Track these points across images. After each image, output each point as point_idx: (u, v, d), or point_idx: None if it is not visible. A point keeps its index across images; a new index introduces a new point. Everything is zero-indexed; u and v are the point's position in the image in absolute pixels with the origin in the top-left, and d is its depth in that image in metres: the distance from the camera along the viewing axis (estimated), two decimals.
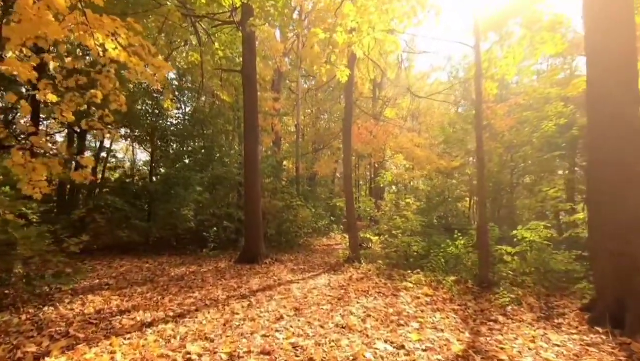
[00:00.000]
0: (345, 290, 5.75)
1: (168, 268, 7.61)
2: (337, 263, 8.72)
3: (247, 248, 8.44)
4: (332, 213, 19.46)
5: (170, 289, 5.68)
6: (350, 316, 4.37)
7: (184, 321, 4.07)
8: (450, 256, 7.05)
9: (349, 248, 8.87)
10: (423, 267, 7.31)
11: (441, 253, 7.05)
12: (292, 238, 11.46)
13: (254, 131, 8.48)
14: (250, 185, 8.45)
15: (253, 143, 8.41)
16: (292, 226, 11.59)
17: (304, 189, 15.86)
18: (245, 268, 7.74)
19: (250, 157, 8.36)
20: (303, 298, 5.24)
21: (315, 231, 14.91)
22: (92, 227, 9.64)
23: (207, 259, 8.75)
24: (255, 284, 6.20)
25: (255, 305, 4.88)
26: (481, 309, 4.80)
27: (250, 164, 8.42)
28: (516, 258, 6.27)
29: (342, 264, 8.38)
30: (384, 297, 5.36)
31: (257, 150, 8.42)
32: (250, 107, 8.55)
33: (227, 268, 7.70)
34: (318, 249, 12.61)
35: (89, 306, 4.58)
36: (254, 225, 8.46)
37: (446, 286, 5.83)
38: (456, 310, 4.77)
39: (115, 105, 5.78)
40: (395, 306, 4.89)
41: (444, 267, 6.81)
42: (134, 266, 7.87)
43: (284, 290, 5.77)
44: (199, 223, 10.86)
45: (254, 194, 8.47)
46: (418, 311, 4.69)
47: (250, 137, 8.46)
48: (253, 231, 8.46)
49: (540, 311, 4.70)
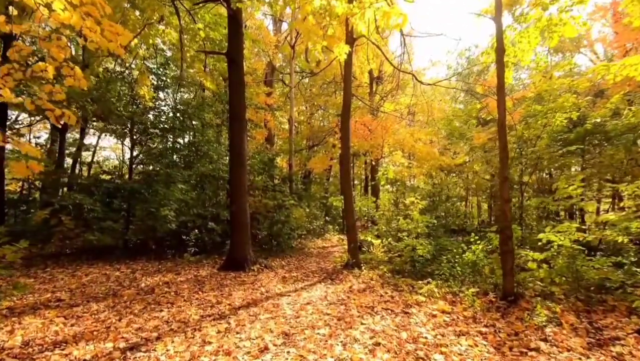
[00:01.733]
0: (346, 306, 4.81)
1: (140, 277, 6.59)
2: (334, 269, 7.78)
3: (233, 253, 7.46)
4: (328, 212, 18.54)
5: (133, 306, 4.68)
6: (354, 345, 3.43)
7: (135, 357, 3.08)
8: (465, 263, 6.15)
9: (347, 252, 7.93)
10: (432, 275, 6.40)
11: (456, 259, 6.15)
12: (285, 240, 10.49)
13: (240, 120, 7.49)
14: (236, 180, 7.45)
15: (239, 133, 7.42)
16: (284, 227, 10.61)
17: (298, 188, 14.90)
18: (229, 276, 6.75)
19: (236, 148, 7.37)
20: (295, 318, 4.28)
21: (309, 232, 13.96)
22: (58, 230, 8.56)
23: (187, 266, 7.74)
24: (239, 298, 5.22)
25: (235, 328, 3.90)
26: (514, 331, 3.89)
27: (236, 157, 7.42)
28: (544, 266, 5.38)
29: (340, 271, 7.44)
30: (394, 315, 4.42)
31: (243, 141, 7.44)
32: (236, 94, 7.56)
33: (209, 276, 6.70)
34: (313, 252, 11.66)
35: (17, 333, 3.56)
36: (240, 227, 7.47)
37: (466, 300, 4.92)
38: (484, 333, 3.86)
39: (71, 81, 4.77)
40: (408, 328, 3.96)
41: (459, 276, 5.90)
42: (102, 274, 6.83)
43: (272, 306, 4.80)
44: (181, 224, 9.82)
45: (239, 190, 7.47)
46: (438, 335, 3.76)
47: (235, 126, 7.46)
48: (239, 234, 7.47)
49: (587, 335, 3.81)
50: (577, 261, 5.19)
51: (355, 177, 29.96)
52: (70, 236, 8.79)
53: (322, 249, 12.91)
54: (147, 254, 9.16)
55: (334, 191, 20.89)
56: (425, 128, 16.46)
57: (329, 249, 12.87)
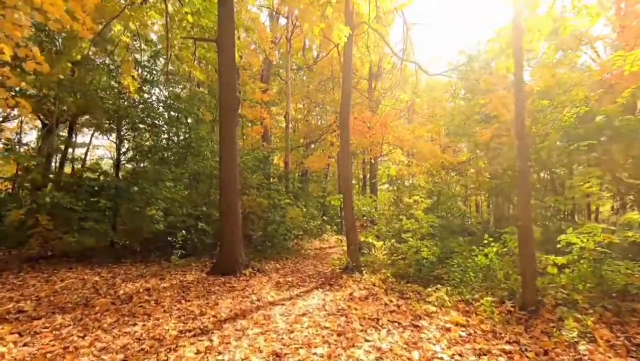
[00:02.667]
0: (346, 318, 4.24)
1: (120, 283, 5.99)
2: (333, 273, 7.22)
3: (223, 256, 6.88)
4: (325, 212, 17.99)
5: (104, 319, 4.09)
6: None
7: None
8: (477, 267, 5.61)
9: (346, 255, 7.37)
10: (440, 280, 5.85)
11: (467, 263, 5.61)
12: (280, 241, 9.91)
13: (231, 111, 6.90)
14: (226, 176, 6.86)
15: (230, 125, 6.83)
16: (280, 228, 10.03)
17: (295, 187, 14.33)
18: (218, 281, 6.17)
19: (227, 141, 6.78)
20: (288, 333, 3.72)
21: (306, 232, 13.40)
22: (37, 231, 7.94)
23: (174, 270, 7.14)
24: (226, 308, 4.65)
25: (218, 347, 3.33)
26: (543, 350, 3.35)
27: (226, 150, 6.84)
28: (566, 271, 4.85)
29: (340, 275, 6.88)
30: (402, 330, 3.86)
31: (234, 133, 6.86)
32: (227, 83, 6.97)
33: (196, 282, 6.12)
34: (310, 254, 11.10)
35: None
36: (231, 227, 6.89)
37: (482, 310, 4.37)
38: (509, 352, 3.31)
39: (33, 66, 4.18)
40: (420, 346, 3.40)
41: (471, 282, 5.36)
42: (79, 280, 6.23)
43: (262, 318, 4.23)
44: (170, 224, 9.22)
45: (230, 187, 6.89)
46: (455, 356, 3.20)
47: (226, 118, 6.88)
48: (230, 235, 6.89)
49: (627, 354, 3.27)
50: (603, 265, 4.67)
51: (353, 176, 29.48)
52: (51, 238, 8.18)
53: (319, 250, 12.34)
54: (134, 257, 8.57)
55: (332, 191, 20.33)
56: (425, 125, 15.93)
57: (327, 251, 12.31)
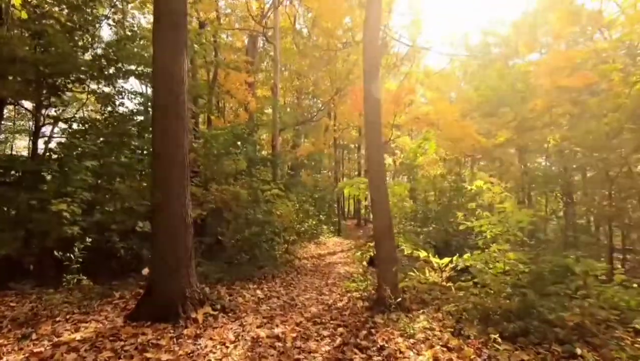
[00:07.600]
0: None
1: None
2: (353, 310, 4.18)
3: (156, 287, 3.71)
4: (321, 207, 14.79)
5: None
6: None
7: None
8: None
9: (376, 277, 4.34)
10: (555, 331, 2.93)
11: None
12: (263, 251, 6.77)
13: (174, 25, 3.71)
14: (163, 142, 3.70)
15: (170, 48, 3.65)
16: (264, 230, 6.88)
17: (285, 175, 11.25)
18: (142, 338, 3.03)
19: (165, 76, 3.60)
20: None
21: (299, 235, 10.34)
22: None
23: (71, 309, 3.94)
24: None
25: None
26: None
27: (163, 95, 3.67)
28: None
29: (368, 317, 3.84)
30: None
31: (178, 63, 3.64)
32: None
33: (101, 339, 2.96)
34: (306, 265, 8.04)
35: None
36: (169, 237, 3.73)
37: None
38: None
39: None
40: None
41: None
42: None
43: None
44: (93, 227, 5.94)
45: (171, 163, 3.73)
46: None
47: (163, 36, 3.69)
48: (169, 249, 3.72)
49: None
50: None
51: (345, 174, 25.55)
52: None
53: (318, 259, 9.30)
54: (26, 277, 5.34)
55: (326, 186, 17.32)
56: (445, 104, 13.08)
57: (328, 260, 9.28)
